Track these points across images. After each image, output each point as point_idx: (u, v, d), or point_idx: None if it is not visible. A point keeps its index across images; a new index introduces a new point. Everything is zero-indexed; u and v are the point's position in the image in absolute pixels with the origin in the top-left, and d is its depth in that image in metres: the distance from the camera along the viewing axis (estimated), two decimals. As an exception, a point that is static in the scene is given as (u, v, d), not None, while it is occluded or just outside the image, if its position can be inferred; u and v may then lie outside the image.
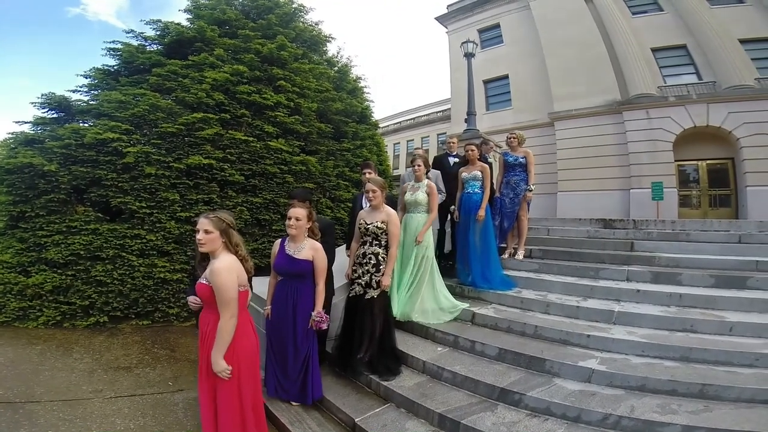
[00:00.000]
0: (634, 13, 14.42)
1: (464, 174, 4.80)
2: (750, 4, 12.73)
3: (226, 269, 2.38)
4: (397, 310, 4.08)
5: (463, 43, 10.50)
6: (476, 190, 4.70)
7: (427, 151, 23.56)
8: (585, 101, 14.29)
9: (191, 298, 3.04)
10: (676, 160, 12.81)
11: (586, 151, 13.92)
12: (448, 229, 5.49)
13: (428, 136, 25.96)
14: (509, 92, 17.30)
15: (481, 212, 4.57)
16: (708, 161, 12.95)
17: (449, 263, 5.13)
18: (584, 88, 14.32)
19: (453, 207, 4.96)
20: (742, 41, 12.44)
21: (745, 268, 4.39)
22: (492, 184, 5.06)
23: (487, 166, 4.80)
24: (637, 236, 5.49)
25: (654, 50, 13.77)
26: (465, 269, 4.75)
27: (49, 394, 3.43)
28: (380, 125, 13.06)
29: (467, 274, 4.72)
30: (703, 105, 12.41)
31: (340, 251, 4.69)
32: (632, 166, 13.11)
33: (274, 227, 6.31)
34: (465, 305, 4.24)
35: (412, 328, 4.13)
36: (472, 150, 4.78)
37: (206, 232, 2.42)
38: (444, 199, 5.02)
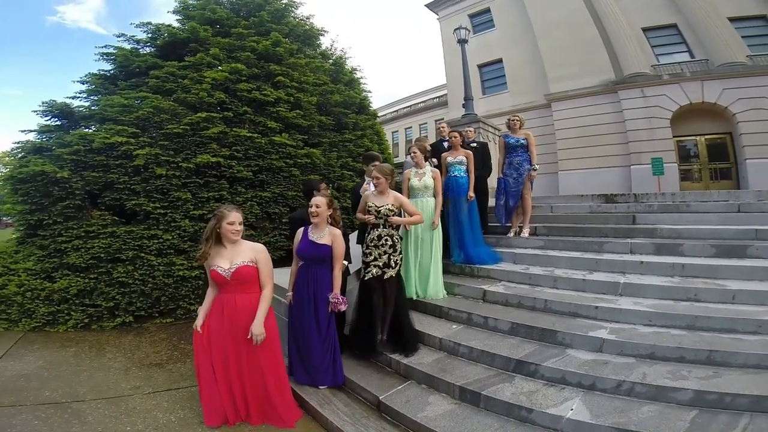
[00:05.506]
0: (621, -7, 14.42)
1: (449, 159, 5.07)
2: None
3: (265, 249, 2.96)
4: (419, 290, 4.35)
5: (455, 29, 10.53)
6: (462, 174, 4.97)
7: (426, 137, 23.58)
8: (580, 82, 14.40)
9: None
10: (674, 136, 12.97)
11: (584, 130, 14.06)
12: None
13: (426, 123, 25.97)
14: (504, 76, 17.35)
15: (471, 193, 4.91)
16: (706, 136, 13.11)
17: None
18: (578, 69, 14.40)
19: None
20: (731, 19, 12.54)
21: (745, 237, 4.49)
22: (490, 166, 5.60)
23: (471, 152, 5.09)
24: (638, 209, 5.59)
25: (645, 30, 13.87)
26: (457, 248, 4.98)
27: (92, 393, 3.51)
28: (378, 114, 13.09)
29: (459, 253, 4.96)
30: (697, 82, 12.56)
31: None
32: (631, 143, 13.26)
33: (284, 220, 6.41)
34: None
35: (425, 307, 4.29)
36: (456, 137, 5.12)
37: (241, 223, 2.91)
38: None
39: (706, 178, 13.03)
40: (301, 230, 3.46)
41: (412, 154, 4.57)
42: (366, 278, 3.66)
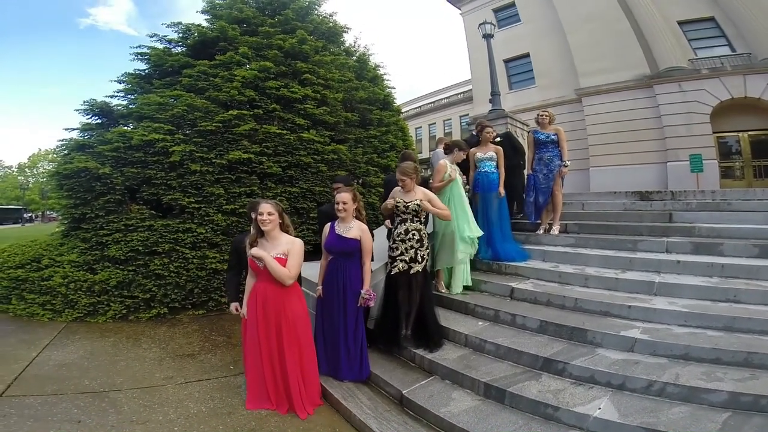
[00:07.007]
0: (654, -14, 13.88)
1: (478, 154, 5.06)
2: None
3: (301, 243, 3.07)
4: (455, 286, 4.43)
5: (480, 24, 10.41)
6: (492, 169, 4.97)
7: (450, 134, 23.44)
8: (613, 76, 13.99)
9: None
10: (714, 132, 12.43)
11: (617, 126, 13.67)
12: None
13: (450, 119, 25.72)
14: (532, 70, 17.03)
15: (501, 189, 4.90)
16: (750, 132, 12.49)
17: None
18: (610, 63, 14.00)
19: (467, 186, 5.11)
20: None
21: (791, 237, 4.25)
22: (522, 152, 5.61)
23: (500, 148, 5.07)
24: (675, 207, 5.39)
25: (681, 23, 13.37)
26: (485, 245, 4.94)
27: (128, 382, 3.65)
28: (402, 110, 13.10)
29: (487, 249, 4.93)
30: (739, 77, 12.03)
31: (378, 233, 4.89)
32: (668, 139, 12.80)
33: (311, 215, 6.54)
34: None
35: (450, 303, 4.28)
36: (489, 132, 5.13)
37: (269, 213, 2.94)
38: None
39: (749, 175, 12.43)
40: (328, 225, 3.53)
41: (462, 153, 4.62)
42: (392, 273, 3.69)
